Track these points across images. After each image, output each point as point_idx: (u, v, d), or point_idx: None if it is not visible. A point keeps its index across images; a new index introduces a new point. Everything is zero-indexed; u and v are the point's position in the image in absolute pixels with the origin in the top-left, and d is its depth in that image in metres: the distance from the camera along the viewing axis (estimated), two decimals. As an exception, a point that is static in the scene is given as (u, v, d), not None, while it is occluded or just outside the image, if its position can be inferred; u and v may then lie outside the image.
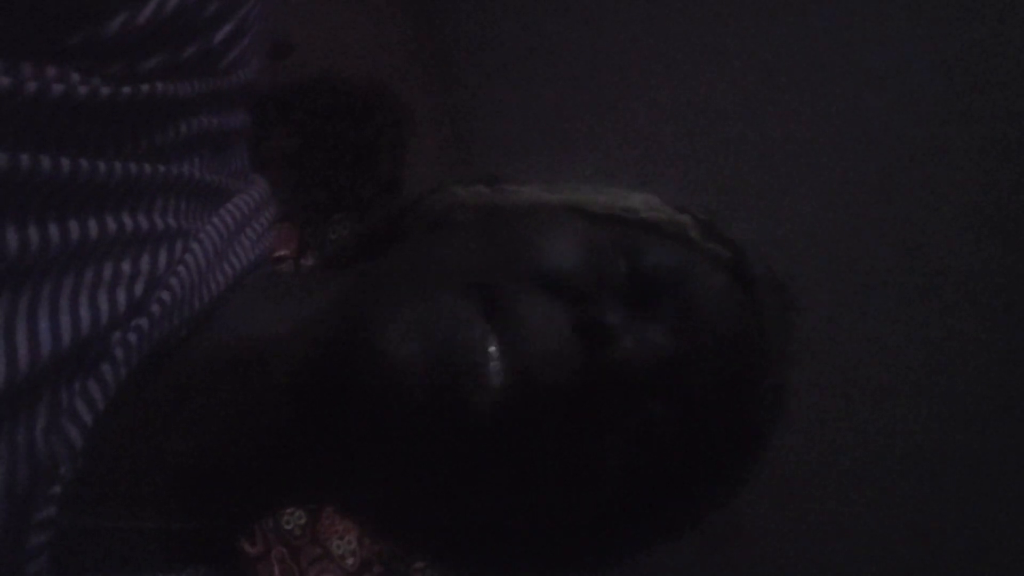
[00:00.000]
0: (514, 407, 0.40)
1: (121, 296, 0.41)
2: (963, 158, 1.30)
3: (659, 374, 0.44)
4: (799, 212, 1.38)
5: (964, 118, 1.28)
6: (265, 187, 0.51)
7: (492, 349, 0.40)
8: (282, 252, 1.71)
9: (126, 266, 0.41)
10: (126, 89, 0.39)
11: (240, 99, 0.47)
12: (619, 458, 0.43)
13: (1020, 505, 1.29)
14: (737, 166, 1.42)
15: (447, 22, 2.00)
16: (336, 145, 1.84)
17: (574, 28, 1.75)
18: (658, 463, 0.45)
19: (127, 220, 0.41)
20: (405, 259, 0.47)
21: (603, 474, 0.43)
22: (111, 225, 0.40)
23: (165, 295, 0.41)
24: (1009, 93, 1.25)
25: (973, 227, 1.29)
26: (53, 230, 0.38)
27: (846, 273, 1.36)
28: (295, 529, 1.58)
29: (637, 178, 0.53)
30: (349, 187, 1.83)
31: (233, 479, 0.44)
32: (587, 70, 1.70)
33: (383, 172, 1.83)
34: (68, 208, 0.39)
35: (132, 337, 0.40)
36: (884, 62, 1.35)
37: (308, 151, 1.81)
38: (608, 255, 0.45)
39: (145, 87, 0.40)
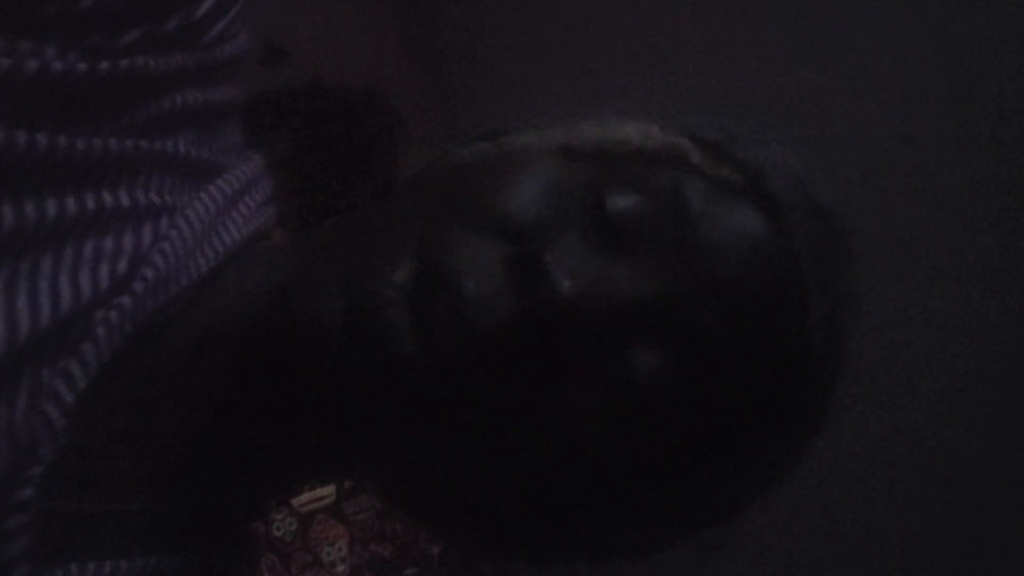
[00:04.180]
0: (441, 354, 0.37)
1: (103, 274, 0.40)
2: (963, 152, 1.30)
3: (628, 318, 0.39)
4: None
5: (963, 109, 1.28)
6: (259, 163, 0.50)
7: (403, 294, 0.38)
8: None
9: (108, 243, 0.40)
10: (104, 64, 0.38)
11: (228, 73, 0.46)
12: (596, 412, 0.39)
13: (1021, 504, 1.29)
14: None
15: (441, 26, 2.01)
16: (330, 150, 1.83)
17: (570, 30, 1.75)
18: (657, 423, 0.40)
19: (107, 197, 0.40)
20: (353, 219, 0.46)
21: (576, 428, 0.39)
22: (90, 202, 0.39)
23: (149, 272, 0.40)
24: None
25: (973, 223, 1.29)
26: (29, 208, 0.37)
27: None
28: (285, 536, 1.57)
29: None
30: (343, 192, 1.82)
31: (222, 458, 0.43)
32: (584, 72, 1.70)
33: (377, 177, 1.82)
34: (46, 186, 0.38)
35: (114, 316, 0.39)
36: (884, 55, 1.36)
37: (302, 156, 1.81)
38: (573, 193, 0.41)
39: (125, 62, 0.39)
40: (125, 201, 0.41)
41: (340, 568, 1.61)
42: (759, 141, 0.46)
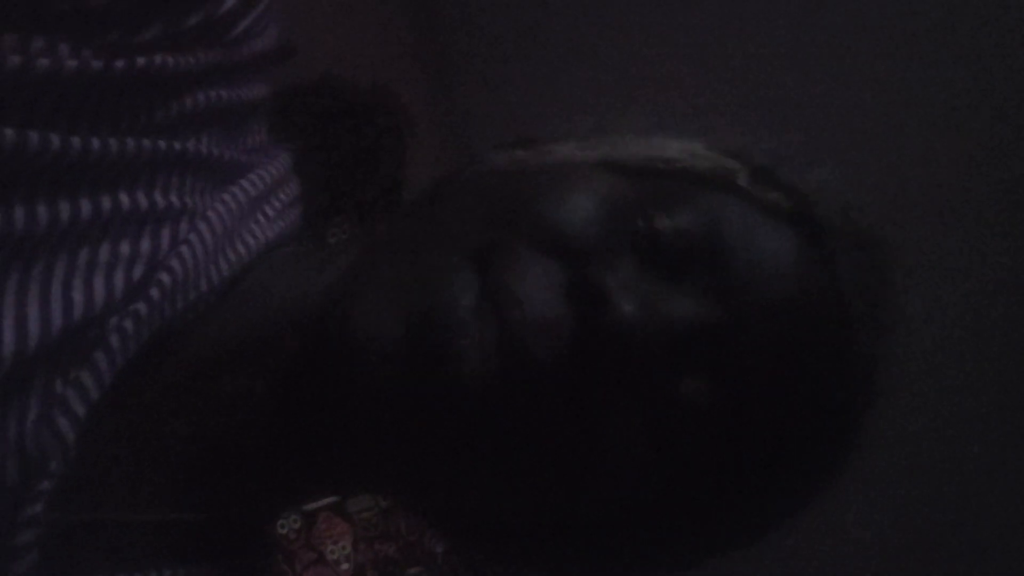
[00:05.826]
0: (500, 380, 0.36)
1: (119, 279, 0.38)
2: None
3: (682, 345, 0.39)
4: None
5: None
6: (286, 162, 0.48)
7: (471, 318, 0.36)
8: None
9: (125, 247, 0.39)
10: (120, 62, 0.37)
11: (255, 71, 0.45)
12: (641, 439, 0.39)
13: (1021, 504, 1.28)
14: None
15: (448, 25, 2.00)
16: (337, 148, 1.83)
17: (576, 29, 1.75)
18: (695, 449, 0.40)
19: (124, 199, 0.39)
20: (404, 224, 0.45)
21: (621, 455, 0.39)
22: (106, 205, 0.38)
23: (165, 278, 0.39)
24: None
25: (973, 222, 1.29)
26: (42, 211, 0.36)
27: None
28: (289, 533, 1.56)
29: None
30: (350, 190, 1.81)
31: (240, 471, 0.42)
32: (589, 71, 1.69)
33: (384, 175, 1.82)
34: (59, 187, 0.37)
35: (129, 324, 0.38)
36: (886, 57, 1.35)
37: (308, 154, 1.80)
38: (627, 212, 0.41)
39: (142, 60, 0.38)
40: (143, 203, 0.39)
41: (344, 566, 1.60)
42: (807, 164, 0.46)
